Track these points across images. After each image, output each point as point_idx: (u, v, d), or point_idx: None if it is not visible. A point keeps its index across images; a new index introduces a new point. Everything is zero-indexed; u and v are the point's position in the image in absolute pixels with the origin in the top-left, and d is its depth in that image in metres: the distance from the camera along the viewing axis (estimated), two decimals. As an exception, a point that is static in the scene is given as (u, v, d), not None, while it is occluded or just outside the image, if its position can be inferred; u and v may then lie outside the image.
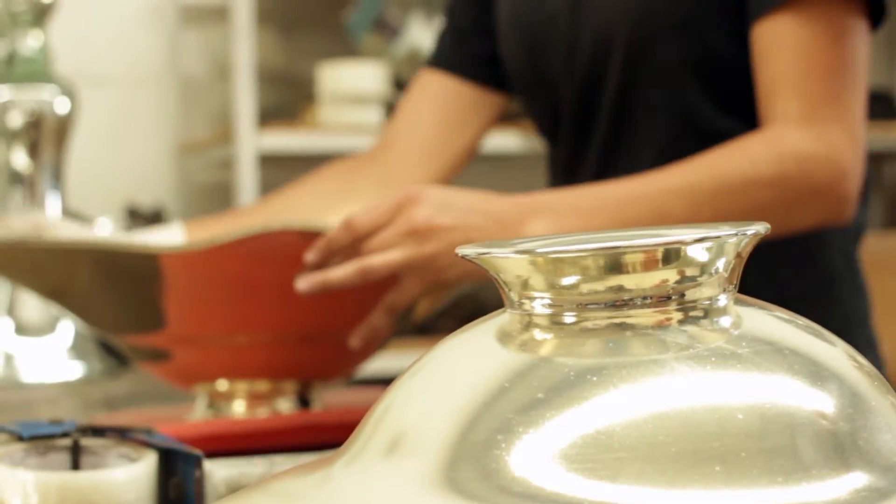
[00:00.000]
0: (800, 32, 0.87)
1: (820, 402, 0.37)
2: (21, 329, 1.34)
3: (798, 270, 0.96)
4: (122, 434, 0.52)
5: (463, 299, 2.28)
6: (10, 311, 1.34)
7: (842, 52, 0.87)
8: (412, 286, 0.76)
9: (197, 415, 0.83)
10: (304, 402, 0.83)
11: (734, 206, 0.82)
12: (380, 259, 0.74)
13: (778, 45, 0.87)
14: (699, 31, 0.93)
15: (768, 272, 0.94)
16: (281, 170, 2.51)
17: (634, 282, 0.38)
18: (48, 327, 1.34)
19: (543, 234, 0.77)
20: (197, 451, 0.52)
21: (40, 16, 1.37)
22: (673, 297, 0.38)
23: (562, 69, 1.00)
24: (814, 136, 0.85)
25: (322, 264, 0.75)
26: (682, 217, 0.80)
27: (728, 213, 0.82)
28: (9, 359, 1.33)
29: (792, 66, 0.87)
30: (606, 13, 0.96)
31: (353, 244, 0.75)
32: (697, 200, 0.82)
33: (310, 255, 0.74)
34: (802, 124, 0.85)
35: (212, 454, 0.61)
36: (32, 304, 1.34)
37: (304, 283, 0.74)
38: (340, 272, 0.74)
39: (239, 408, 0.82)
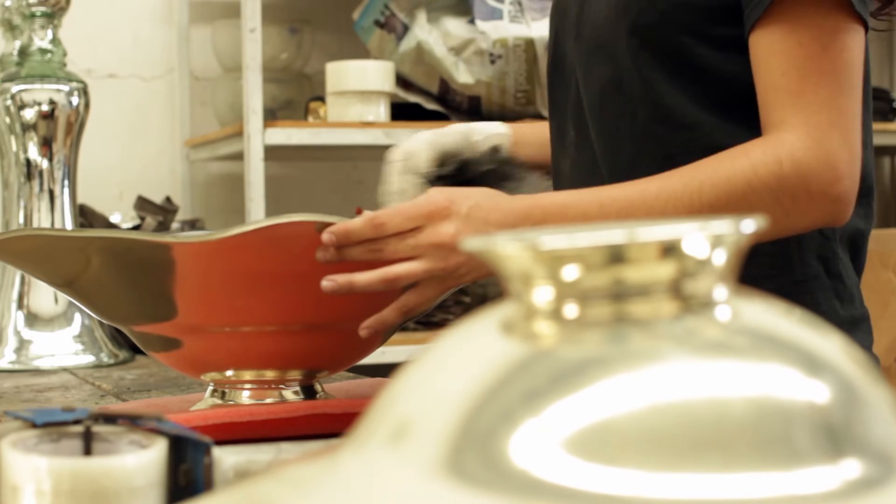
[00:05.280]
0: (791, 40, 0.89)
1: (815, 393, 0.38)
2: (33, 318, 1.35)
3: (771, 272, 0.97)
4: (133, 421, 0.53)
5: (468, 290, 2.28)
6: (23, 301, 1.35)
7: (834, 57, 0.89)
8: (430, 292, 0.79)
9: (204, 403, 0.84)
10: (309, 391, 0.84)
11: (738, 211, 0.85)
12: (404, 269, 0.77)
13: (772, 54, 0.90)
14: (670, 32, 0.95)
15: (742, 271, 0.94)
16: (288, 164, 2.52)
17: (635, 274, 0.39)
18: (60, 316, 1.35)
19: None
20: (206, 439, 0.53)
21: (53, 12, 1.37)
22: (673, 290, 0.39)
23: (570, 60, 1.04)
24: (811, 142, 0.87)
25: (337, 248, 0.77)
26: None
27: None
28: (21, 347, 1.34)
29: (786, 74, 0.89)
30: (599, 7, 0.99)
31: (373, 239, 0.77)
32: (700, 207, 0.84)
33: (326, 236, 0.76)
34: (800, 130, 0.87)
35: (219, 442, 0.62)
36: (44, 294, 1.35)
37: (328, 283, 0.76)
38: (365, 278, 0.77)
39: (245, 396, 0.83)
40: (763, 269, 0.97)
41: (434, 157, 0.99)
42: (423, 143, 0.99)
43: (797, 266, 0.98)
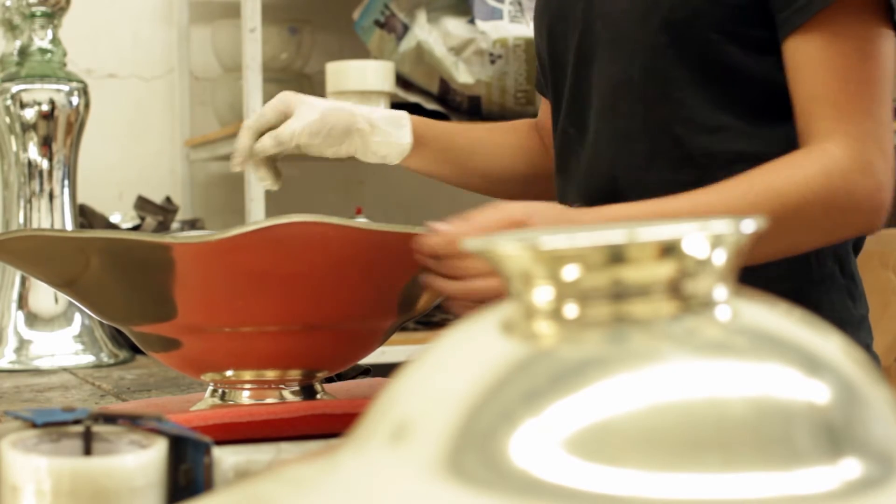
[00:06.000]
0: (833, 49, 0.90)
1: (815, 393, 0.38)
2: (33, 318, 1.35)
3: (789, 270, 0.97)
4: (133, 421, 0.53)
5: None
6: (23, 301, 1.35)
7: (872, 66, 0.90)
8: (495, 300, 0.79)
9: (204, 403, 0.84)
10: (309, 391, 0.84)
11: (790, 224, 0.85)
12: (481, 286, 0.77)
13: (812, 63, 0.90)
14: (700, 30, 0.94)
15: (758, 270, 0.94)
16: (288, 164, 2.52)
17: (635, 274, 0.39)
18: (60, 316, 1.35)
19: None
20: (206, 439, 0.53)
21: (53, 12, 1.37)
22: (672, 290, 0.39)
23: (573, 55, 1.03)
24: (853, 153, 0.88)
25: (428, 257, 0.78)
26: None
27: (785, 231, 0.85)
28: (21, 347, 1.34)
29: (827, 83, 0.89)
30: (617, 5, 0.98)
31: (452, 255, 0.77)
32: None
33: (421, 246, 0.77)
34: (841, 141, 0.88)
35: (219, 442, 0.62)
36: (44, 294, 1.35)
37: (426, 278, 0.78)
38: (449, 287, 0.78)
39: (245, 396, 0.83)
40: (780, 269, 0.97)
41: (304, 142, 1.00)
42: (307, 121, 1.00)
43: (815, 266, 0.99)
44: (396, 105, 2.23)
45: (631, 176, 0.98)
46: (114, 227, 1.79)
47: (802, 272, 0.98)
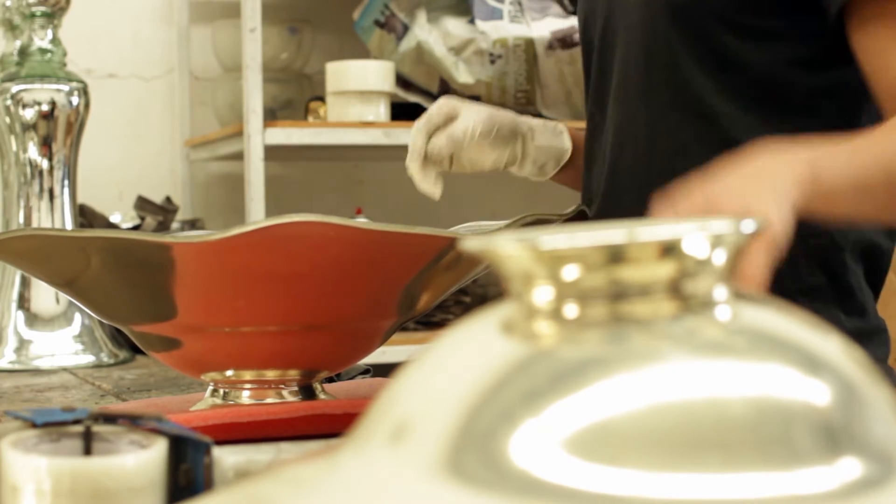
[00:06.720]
0: None
1: (815, 393, 0.38)
2: (33, 318, 1.35)
3: (777, 277, 0.95)
4: (133, 421, 0.53)
5: (468, 290, 2.28)
6: (23, 301, 1.35)
7: None
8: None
9: (204, 403, 0.84)
10: (309, 391, 0.84)
11: None
12: (755, 268, 0.68)
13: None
14: (702, 17, 0.95)
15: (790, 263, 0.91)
16: (288, 164, 2.52)
17: (635, 274, 0.39)
18: (60, 316, 1.35)
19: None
20: (206, 439, 0.53)
21: (53, 12, 1.37)
22: (672, 290, 0.39)
23: (597, 42, 1.05)
24: None
25: None
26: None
27: None
28: (21, 347, 1.34)
29: None
30: None
31: None
32: None
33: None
34: None
35: (219, 442, 0.62)
36: (44, 294, 1.35)
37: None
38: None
39: (245, 396, 0.83)
40: (811, 263, 0.96)
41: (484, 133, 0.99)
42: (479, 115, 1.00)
43: (805, 275, 0.97)
44: (396, 105, 2.23)
45: (635, 166, 0.99)
46: (114, 227, 1.79)
47: (786, 281, 0.97)
